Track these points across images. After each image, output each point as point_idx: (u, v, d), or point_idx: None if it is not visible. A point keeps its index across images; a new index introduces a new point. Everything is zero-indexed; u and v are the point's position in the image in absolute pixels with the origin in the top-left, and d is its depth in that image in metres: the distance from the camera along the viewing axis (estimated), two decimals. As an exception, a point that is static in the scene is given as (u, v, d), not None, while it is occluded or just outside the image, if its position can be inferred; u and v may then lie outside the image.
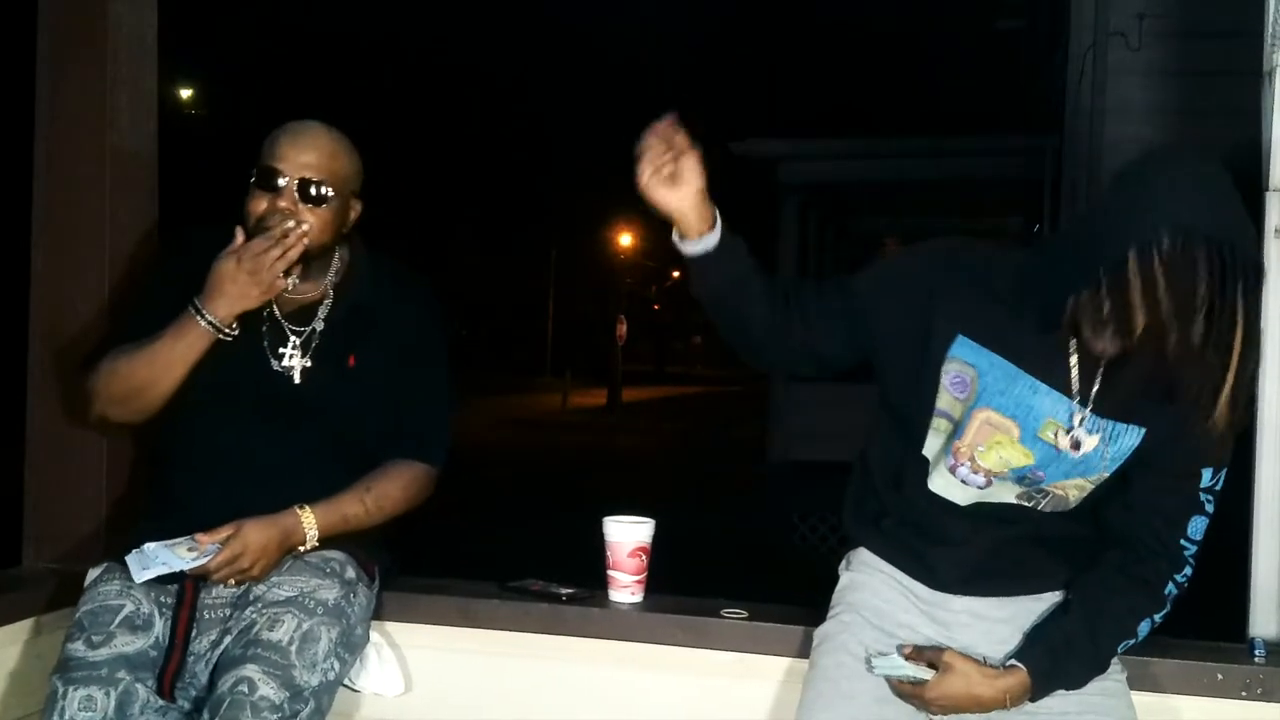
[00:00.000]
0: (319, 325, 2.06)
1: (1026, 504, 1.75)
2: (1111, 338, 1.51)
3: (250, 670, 1.80)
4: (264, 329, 2.03)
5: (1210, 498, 1.70)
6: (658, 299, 41.81)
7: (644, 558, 2.12)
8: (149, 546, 1.90)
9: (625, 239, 34.14)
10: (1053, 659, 1.70)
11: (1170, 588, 1.72)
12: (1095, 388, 1.63)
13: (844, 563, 1.94)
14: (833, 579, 1.94)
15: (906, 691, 1.72)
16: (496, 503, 9.85)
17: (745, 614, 2.08)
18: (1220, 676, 1.87)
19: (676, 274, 41.09)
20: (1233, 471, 1.75)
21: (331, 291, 2.09)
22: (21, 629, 2.12)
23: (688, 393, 33.59)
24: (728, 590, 2.18)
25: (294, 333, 2.05)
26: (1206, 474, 1.68)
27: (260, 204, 1.98)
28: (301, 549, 1.97)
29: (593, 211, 32.97)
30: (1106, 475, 1.70)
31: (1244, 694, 1.86)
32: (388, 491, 2.05)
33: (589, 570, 2.17)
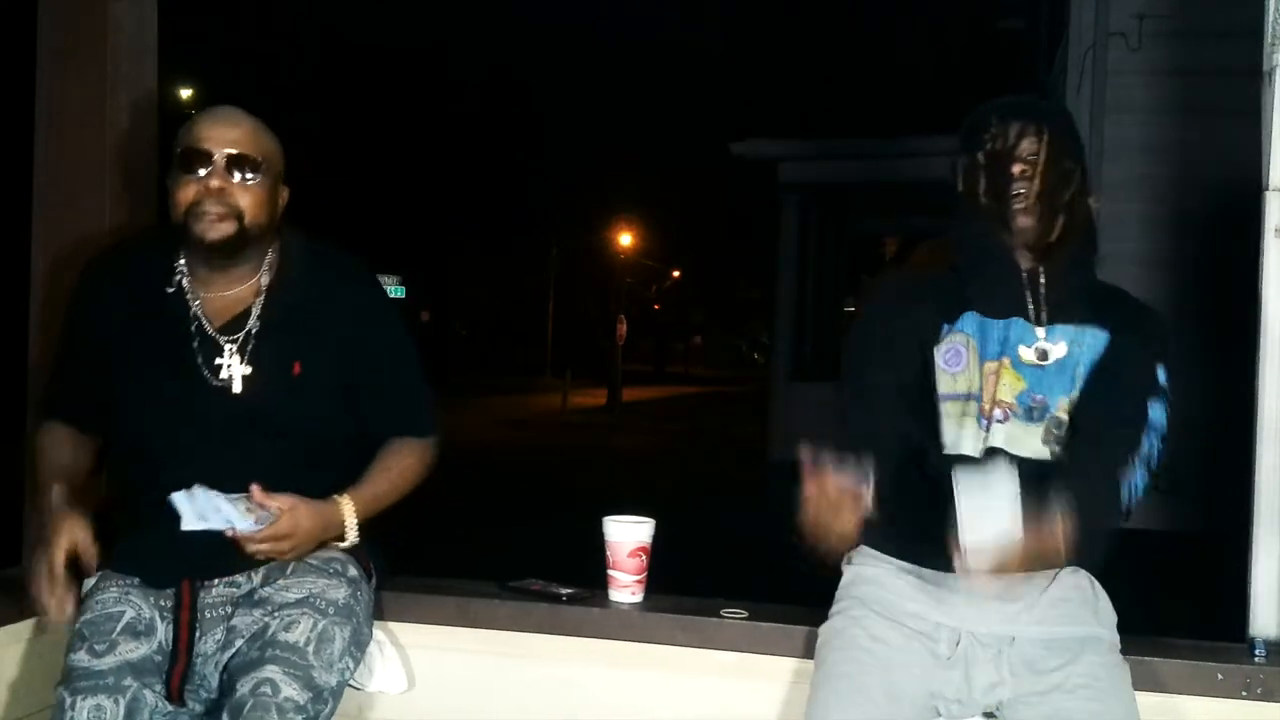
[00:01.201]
0: (254, 326, 1.97)
1: (1055, 449, 1.79)
2: (1016, 213, 1.79)
3: (271, 671, 1.79)
4: (195, 345, 1.95)
5: (1166, 390, 1.82)
6: (658, 299, 41.79)
7: (644, 558, 2.13)
8: (201, 492, 1.80)
9: (625, 239, 34.12)
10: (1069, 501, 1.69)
11: (1136, 458, 1.78)
12: (1043, 298, 1.82)
13: (845, 559, 1.94)
14: (832, 579, 1.94)
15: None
16: (496, 502, 9.84)
17: (745, 614, 2.08)
18: (1220, 676, 1.88)
19: (676, 274, 41.14)
20: (1234, 471, 1.75)
21: (264, 290, 1.99)
22: (22, 629, 2.12)
23: (687, 393, 33.58)
24: (728, 590, 2.18)
25: (229, 342, 1.96)
26: (1160, 370, 1.82)
27: (189, 190, 1.90)
28: (339, 544, 1.96)
29: (593, 211, 32.96)
30: (1082, 386, 1.81)
31: (1244, 694, 1.86)
32: (406, 465, 2.05)
33: (589, 570, 2.17)
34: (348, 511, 1.96)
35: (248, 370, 1.95)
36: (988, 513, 1.65)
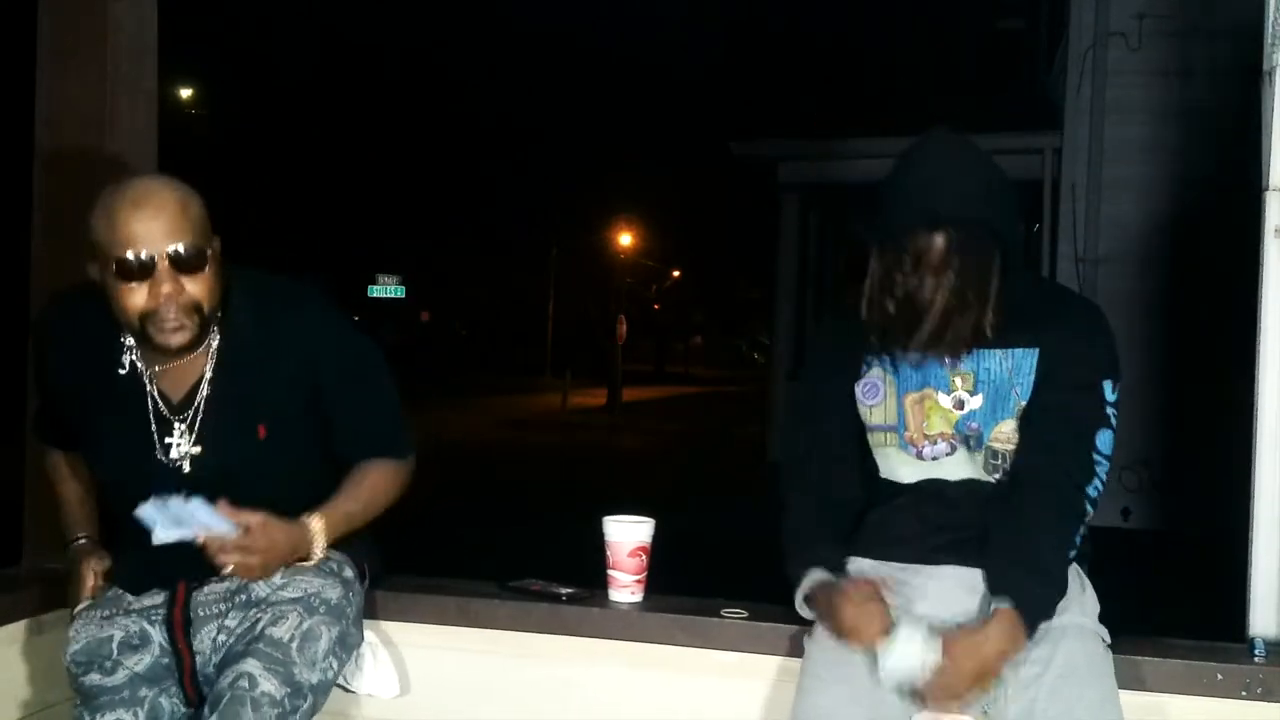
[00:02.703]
0: (204, 398, 1.88)
1: (991, 477, 1.84)
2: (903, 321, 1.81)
3: (251, 665, 1.79)
4: (151, 427, 1.90)
5: (1114, 411, 1.80)
6: (658, 299, 41.80)
7: (644, 557, 2.12)
8: (173, 499, 1.75)
9: (625, 239, 34.10)
10: (1018, 581, 1.73)
11: (1086, 493, 1.78)
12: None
13: None
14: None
15: (922, 689, 1.70)
16: (496, 502, 9.84)
17: (745, 614, 2.08)
18: (1220, 676, 1.87)
19: (676, 273, 41.10)
20: (1233, 471, 1.75)
21: (215, 353, 1.90)
22: (22, 629, 2.12)
23: (687, 393, 33.54)
24: (728, 590, 2.18)
25: (179, 420, 1.89)
26: (1106, 387, 1.81)
27: (137, 298, 1.77)
28: (304, 564, 1.92)
29: (593, 211, 32.97)
30: (1024, 404, 1.82)
31: (1244, 694, 1.86)
32: (377, 485, 1.99)
33: (589, 570, 2.17)
34: (317, 531, 1.90)
35: (196, 450, 1.89)
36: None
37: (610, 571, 2.13)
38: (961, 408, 1.85)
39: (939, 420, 1.85)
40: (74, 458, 2.09)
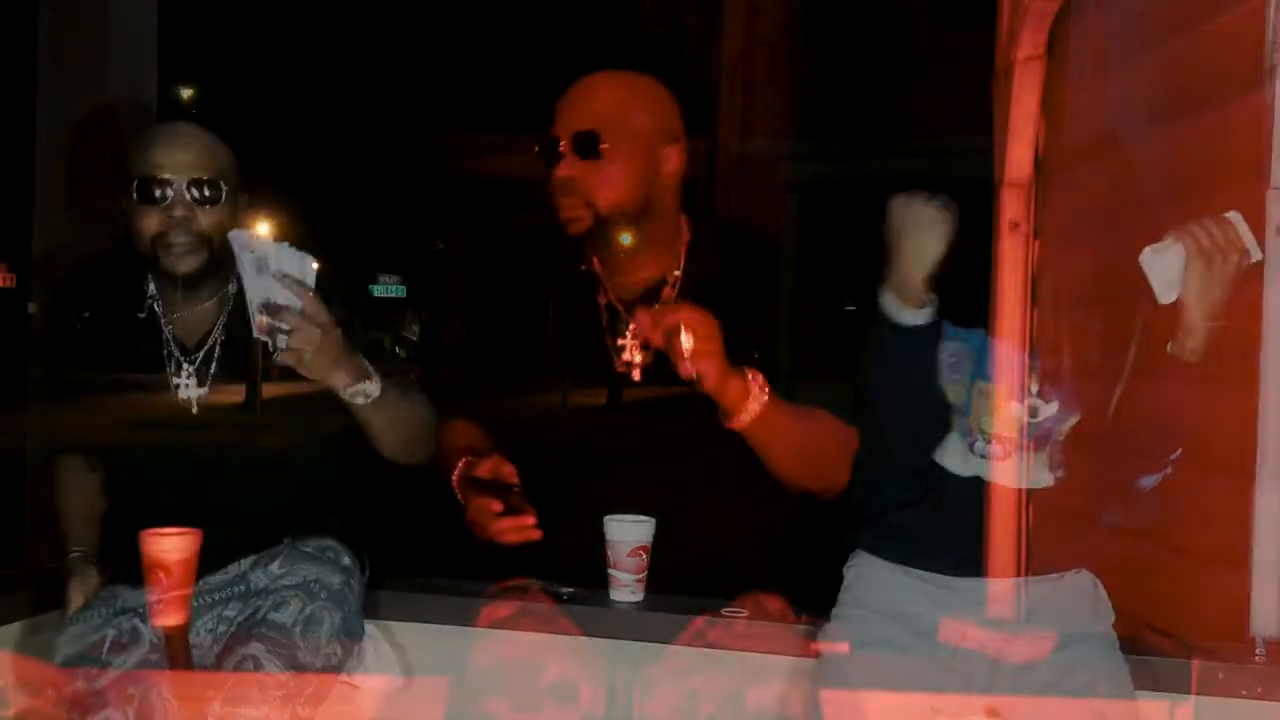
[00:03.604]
0: (216, 343, 1.96)
1: (1060, 473, 1.77)
2: None
3: (256, 649, 1.81)
4: (169, 369, 1.96)
5: None
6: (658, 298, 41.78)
7: (644, 557, 2.13)
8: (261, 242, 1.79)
9: (625, 239, 34.14)
10: None
11: None
12: None
13: (847, 564, 1.95)
14: (832, 579, 1.94)
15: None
16: (496, 502, 9.82)
17: (745, 614, 2.08)
18: (1220, 676, 1.87)
19: (677, 273, 41.06)
20: (1233, 470, 1.75)
21: (228, 304, 1.97)
22: (22, 629, 2.12)
23: (689, 392, 33.51)
24: (728, 590, 2.18)
25: (188, 363, 1.96)
26: None
27: (150, 220, 1.88)
28: (349, 385, 1.86)
29: (592, 211, 32.94)
30: None
31: (1244, 693, 1.86)
32: (415, 400, 2.03)
33: (589, 570, 2.17)
34: (368, 365, 1.88)
35: (203, 392, 1.95)
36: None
37: (610, 571, 2.13)
38: (1035, 415, 1.76)
39: (1007, 423, 1.76)
40: (85, 472, 2.09)
